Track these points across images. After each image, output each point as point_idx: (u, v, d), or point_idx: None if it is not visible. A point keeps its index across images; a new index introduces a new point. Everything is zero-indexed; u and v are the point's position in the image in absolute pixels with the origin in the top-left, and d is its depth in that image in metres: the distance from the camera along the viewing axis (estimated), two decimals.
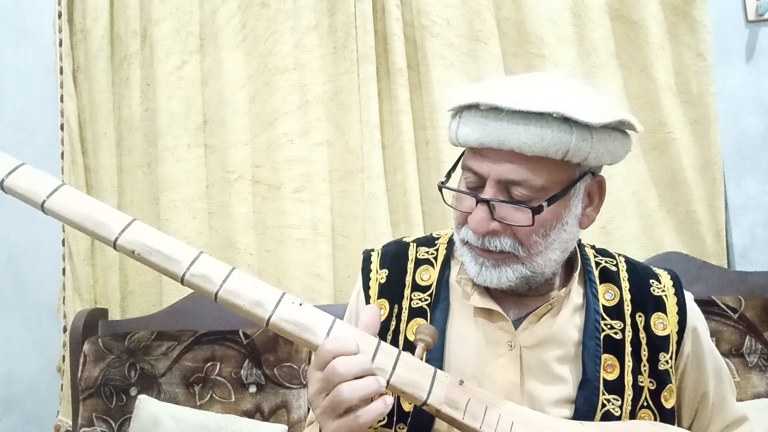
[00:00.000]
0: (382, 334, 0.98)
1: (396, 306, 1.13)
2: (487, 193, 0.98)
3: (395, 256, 1.20)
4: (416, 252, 1.19)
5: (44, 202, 0.88)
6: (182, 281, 0.87)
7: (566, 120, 0.93)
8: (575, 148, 0.94)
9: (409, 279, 1.15)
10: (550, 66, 2.08)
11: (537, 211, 0.96)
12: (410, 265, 1.17)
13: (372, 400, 0.85)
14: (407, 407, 1.06)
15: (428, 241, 1.22)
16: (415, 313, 1.11)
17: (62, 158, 2.23)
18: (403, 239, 1.24)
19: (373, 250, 1.23)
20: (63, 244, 2.21)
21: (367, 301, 1.17)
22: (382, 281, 1.17)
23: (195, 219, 2.19)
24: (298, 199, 2.14)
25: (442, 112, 2.07)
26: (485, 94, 0.97)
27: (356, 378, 0.84)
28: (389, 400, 0.86)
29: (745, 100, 2.09)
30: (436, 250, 1.18)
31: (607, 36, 2.12)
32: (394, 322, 1.12)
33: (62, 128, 2.23)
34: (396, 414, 1.06)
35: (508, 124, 0.94)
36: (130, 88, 2.26)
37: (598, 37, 2.10)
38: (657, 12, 2.08)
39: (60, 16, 2.24)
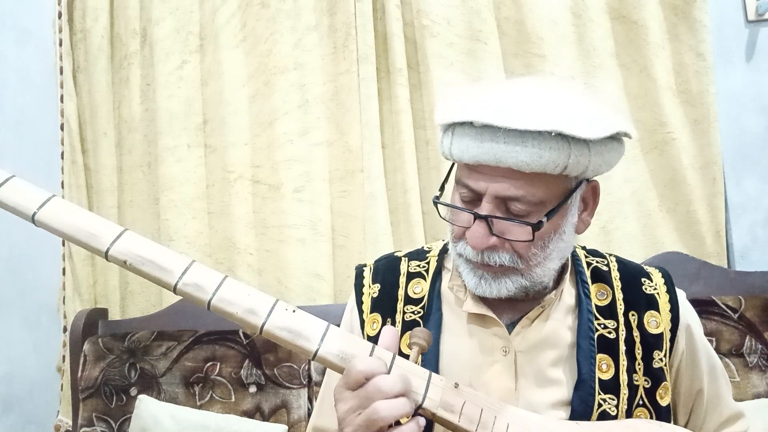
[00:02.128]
0: None
1: (389, 320, 1.13)
2: (485, 209, 0.98)
3: (387, 270, 1.20)
4: (408, 266, 1.19)
5: (35, 214, 0.88)
6: (175, 290, 0.87)
7: (564, 136, 0.92)
8: (574, 163, 0.93)
9: (401, 293, 1.15)
10: (550, 66, 2.08)
11: (537, 227, 0.95)
12: (402, 279, 1.17)
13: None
14: (404, 420, 1.06)
15: (419, 255, 1.22)
16: (409, 326, 1.10)
17: (62, 158, 2.23)
18: (395, 253, 1.24)
19: (365, 266, 1.23)
20: (63, 244, 2.21)
21: (360, 316, 1.17)
22: (375, 295, 1.17)
23: (195, 219, 2.20)
24: (298, 199, 2.14)
25: None
26: (479, 111, 0.95)
27: (398, 396, 0.84)
28: (422, 421, 0.86)
29: (745, 100, 2.09)
30: (427, 263, 1.18)
31: (607, 36, 2.11)
32: None
33: (62, 128, 2.24)
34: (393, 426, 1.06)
35: (505, 143, 0.93)
36: (130, 88, 2.26)
37: (598, 37, 2.10)
38: (657, 12, 2.08)
39: (60, 16, 2.25)
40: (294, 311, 0.88)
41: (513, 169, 0.94)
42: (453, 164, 1.07)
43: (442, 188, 1.07)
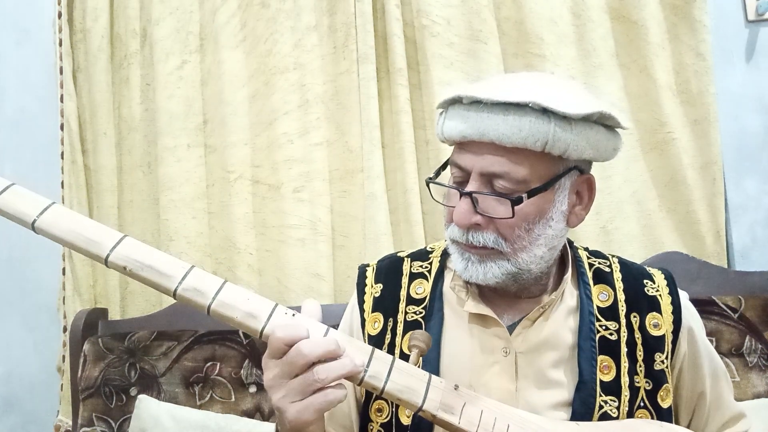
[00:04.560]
0: (377, 348, 0.99)
1: (391, 320, 1.14)
2: (471, 186, 1.00)
3: (390, 270, 1.21)
4: (410, 266, 1.20)
5: (35, 221, 0.89)
6: (174, 295, 0.88)
7: (545, 111, 0.95)
8: (554, 139, 0.95)
9: (403, 293, 1.16)
10: (550, 66, 2.07)
11: (516, 202, 0.97)
12: (404, 280, 1.18)
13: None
14: (405, 420, 1.06)
15: (422, 255, 1.22)
16: (410, 326, 1.11)
17: (62, 158, 2.23)
18: (398, 254, 1.25)
19: (368, 265, 1.24)
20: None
21: (362, 315, 1.17)
22: (377, 295, 1.18)
23: (195, 219, 2.19)
24: (298, 199, 2.14)
25: None
26: (468, 88, 1.00)
27: (320, 359, 0.84)
28: (345, 388, 0.87)
29: (745, 100, 2.09)
30: (430, 263, 1.19)
31: (607, 36, 2.11)
32: (389, 336, 1.13)
33: (62, 128, 2.24)
34: (395, 427, 1.07)
35: (488, 116, 0.96)
36: (130, 88, 2.26)
37: (598, 37, 2.10)
38: (657, 12, 2.07)
39: (60, 16, 2.24)
40: (293, 315, 0.89)
41: (497, 145, 0.97)
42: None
43: (437, 173, 1.09)
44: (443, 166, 1.10)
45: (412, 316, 1.13)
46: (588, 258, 1.17)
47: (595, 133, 0.99)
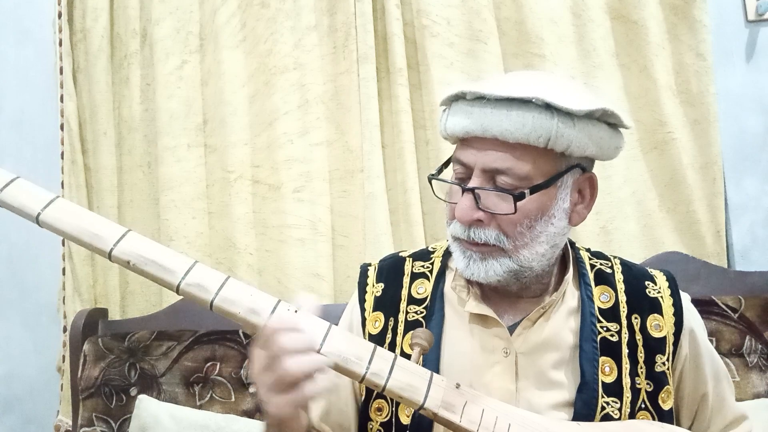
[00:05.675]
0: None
1: (392, 319, 1.14)
2: (473, 182, 1.01)
3: (391, 270, 1.21)
4: (412, 266, 1.20)
5: (39, 215, 0.89)
6: (177, 290, 0.88)
7: (548, 107, 0.95)
8: (557, 135, 0.95)
9: (404, 293, 1.16)
10: (550, 66, 2.07)
11: (519, 198, 0.97)
12: (406, 280, 1.18)
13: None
14: (405, 420, 1.06)
15: (423, 255, 1.23)
16: (411, 325, 1.11)
17: (62, 158, 2.23)
18: (399, 253, 1.25)
19: (370, 265, 1.24)
20: (63, 244, 2.21)
21: (362, 314, 1.17)
22: (378, 294, 1.18)
23: (195, 219, 2.19)
24: (298, 199, 2.14)
25: None
26: (471, 85, 1.00)
27: (292, 351, 0.83)
28: (327, 376, 0.86)
29: (745, 100, 2.08)
30: (432, 263, 1.19)
31: (607, 36, 2.11)
32: (390, 335, 1.13)
33: (62, 128, 2.24)
34: (394, 426, 1.07)
35: (491, 111, 0.97)
36: (130, 88, 2.26)
37: (598, 37, 2.10)
38: (657, 12, 2.07)
39: (60, 16, 2.24)
40: (296, 311, 0.89)
41: (500, 141, 0.97)
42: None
43: (440, 169, 1.10)
44: (446, 164, 1.11)
45: (413, 316, 1.13)
46: (590, 259, 1.17)
47: (597, 130, 0.99)
